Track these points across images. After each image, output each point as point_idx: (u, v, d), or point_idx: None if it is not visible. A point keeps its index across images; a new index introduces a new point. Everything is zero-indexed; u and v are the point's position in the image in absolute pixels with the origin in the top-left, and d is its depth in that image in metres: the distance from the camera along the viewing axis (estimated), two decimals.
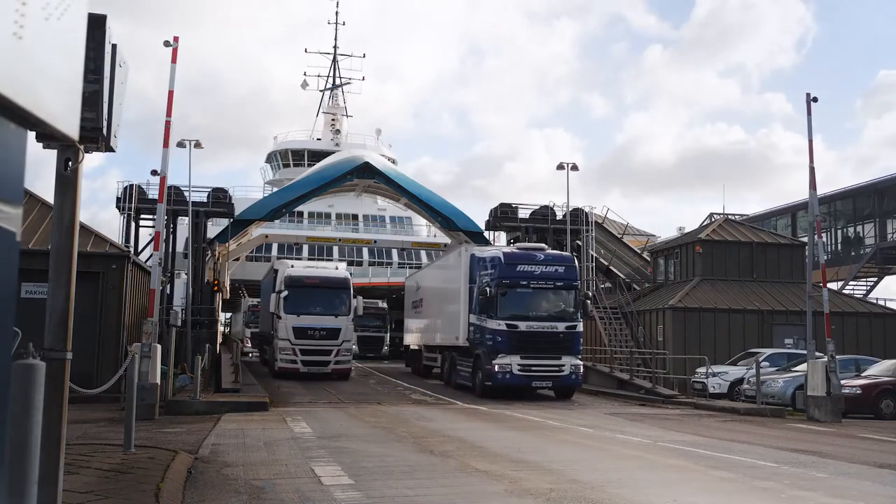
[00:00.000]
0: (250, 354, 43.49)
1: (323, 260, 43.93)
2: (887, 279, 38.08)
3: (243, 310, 48.87)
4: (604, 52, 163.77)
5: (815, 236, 18.58)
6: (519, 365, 20.05)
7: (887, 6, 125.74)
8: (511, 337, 20.14)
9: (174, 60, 16.37)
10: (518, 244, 24.42)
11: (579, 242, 29.30)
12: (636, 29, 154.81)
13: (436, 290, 27.03)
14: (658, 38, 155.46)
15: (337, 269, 29.69)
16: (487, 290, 20.46)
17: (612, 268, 32.58)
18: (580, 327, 21.48)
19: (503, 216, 30.06)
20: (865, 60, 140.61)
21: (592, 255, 29.99)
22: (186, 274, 26.86)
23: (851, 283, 36.92)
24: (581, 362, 21.46)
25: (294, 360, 25.27)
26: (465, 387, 22.18)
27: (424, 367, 28.07)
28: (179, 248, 29.58)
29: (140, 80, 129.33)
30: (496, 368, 19.95)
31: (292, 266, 27.97)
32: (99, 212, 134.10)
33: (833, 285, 31.95)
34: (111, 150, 5.62)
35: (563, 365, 20.43)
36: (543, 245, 23.41)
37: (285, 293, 25.79)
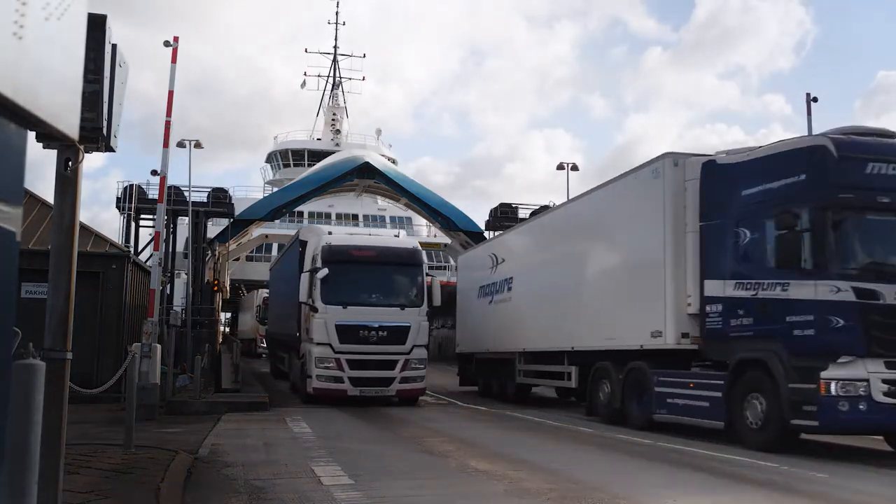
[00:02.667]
0: (263, 355, 39.95)
1: None
2: None
3: (256, 303, 43.73)
4: (603, 54, 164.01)
5: None
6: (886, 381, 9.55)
7: (887, 8, 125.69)
8: (866, 318, 9.64)
9: (174, 60, 16.39)
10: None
11: None
12: (635, 31, 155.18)
13: (572, 255, 15.95)
14: (657, 40, 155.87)
15: (398, 236, 20.87)
16: (789, 216, 10.16)
17: None
18: None
19: (503, 216, 30.08)
20: (865, 62, 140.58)
21: None
22: (186, 274, 26.86)
23: None
24: None
25: (339, 378, 16.83)
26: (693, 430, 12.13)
27: (519, 386, 18.98)
28: (179, 248, 29.61)
29: (141, 81, 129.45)
30: (840, 392, 9.48)
31: (330, 233, 19.03)
32: (100, 212, 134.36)
33: None
34: (111, 150, 5.61)
35: None
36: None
37: (323, 272, 17.02)
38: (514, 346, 18.71)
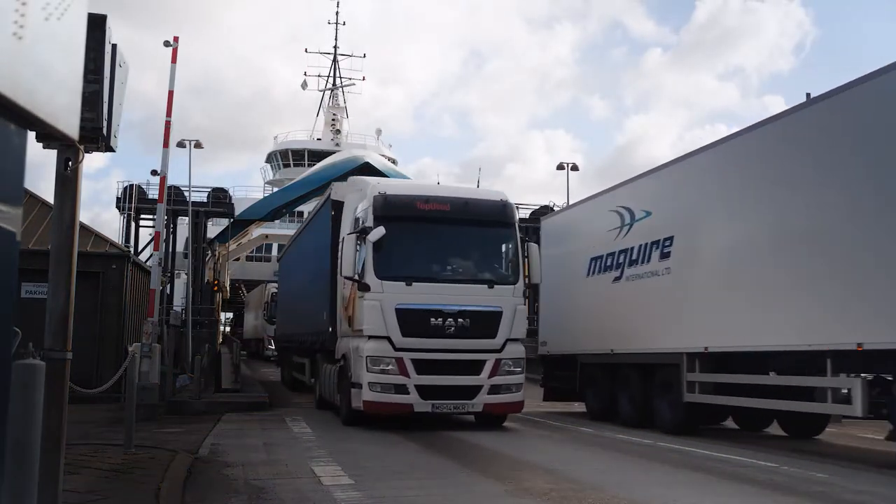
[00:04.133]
0: (272, 358, 34.72)
1: None
2: None
3: (265, 300, 39.06)
4: (604, 55, 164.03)
5: None
6: None
7: (886, 9, 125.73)
8: None
9: (174, 60, 16.40)
10: None
11: None
12: (635, 33, 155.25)
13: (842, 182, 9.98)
14: (657, 41, 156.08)
15: (478, 186, 15.26)
16: None
17: None
18: None
19: None
20: (864, 63, 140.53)
21: None
22: (186, 274, 26.85)
23: None
24: None
25: (401, 386, 12.04)
26: None
27: (689, 408, 12.46)
28: (179, 248, 29.63)
29: (142, 81, 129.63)
30: None
31: (378, 183, 13.70)
32: (101, 212, 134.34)
33: None
34: (111, 149, 5.61)
35: None
36: None
37: (377, 233, 12.15)
38: (680, 343, 12.50)
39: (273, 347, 34.33)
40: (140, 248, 28.62)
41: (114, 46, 5.34)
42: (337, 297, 13.87)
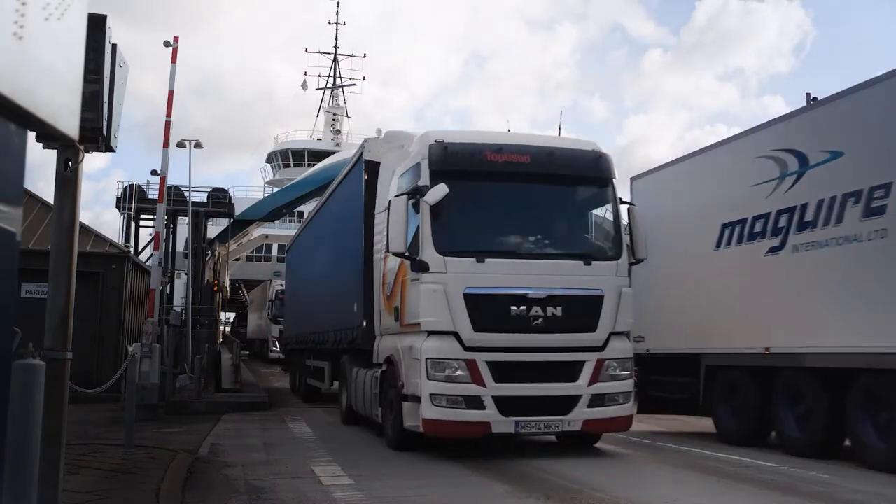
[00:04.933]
0: (279, 358, 31.07)
1: None
2: None
3: (269, 297, 36.94)
4: (604, 56, 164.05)
5: None
6: None
7: (886, 10, 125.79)
8: None
9: (174, 60, 16.42)
10: None
11: None
12: (635, 34, 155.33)
13: None
14: (657, 42, 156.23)
15: (559, 135, 11.68)
16: None
17: None
18: None
19: None
20: (864, 63, 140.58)
21: None
22: (186, 274, 26.84)
23: None
24: None
25: (475, 399, 9.12)
26: None
27: None
28: (179, 248, 29.60)
29: (144, 82, 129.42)
30: None
31: (430, 131, 10.42)
32: (102, 212, 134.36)
33: None
34: (111, 149, 5.62)
35: None
36: None
37: (437, 192, 9.30)
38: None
39: (277, 349, 32.72)
40: (140, 248, 28.61)
41: (114, 46, 5.34)
42: (374, 283, 11.08)
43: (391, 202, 9.58)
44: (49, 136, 3.29)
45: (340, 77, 56.55)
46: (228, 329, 60.79)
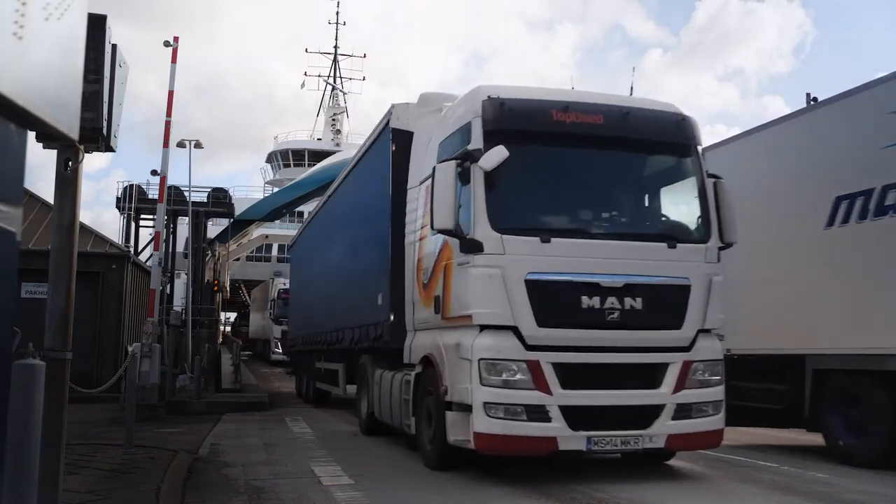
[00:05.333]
0: (284, 360, 30.33)
1: None
2: None
3: (271, 297, 36.14)
4: (603, 56, 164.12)
5: None
6: None
7: (886, 10, 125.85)
8: None
9: (174, 60, 16.43)
10: None
11: None
12: (635, 34, 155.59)
13: None
14: (657, 42, 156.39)
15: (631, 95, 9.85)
16: None
17: None
18: None
19: None
20: (864, 64, 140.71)
21: None
22: (186, 274, 26.84)
23: None
24: None
25: (538, 409, 7.51)
26: None
27: None
28: (179, 248, 29.60)
29: (145, 82, 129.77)
30: None
31: (479, 87, 8.61)
32: (102, 212, 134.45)
33: None
34: (111, 149, 5.62)
35: None
36: None
37: (495, 156, 7.74)
38: None
39: (280, 350, 31.68)
40: (140, 249, 28.61)
41: (114, 46, 5.34)
42: (405, 270, 9.75)
43: (436, 169, 8.10)
44: (49, 136, 3.29)
45: (340, 77, 56.60)
46: (229, 329, 60.84)
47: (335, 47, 57.11)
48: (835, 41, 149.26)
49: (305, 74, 56.87)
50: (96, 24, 4.95)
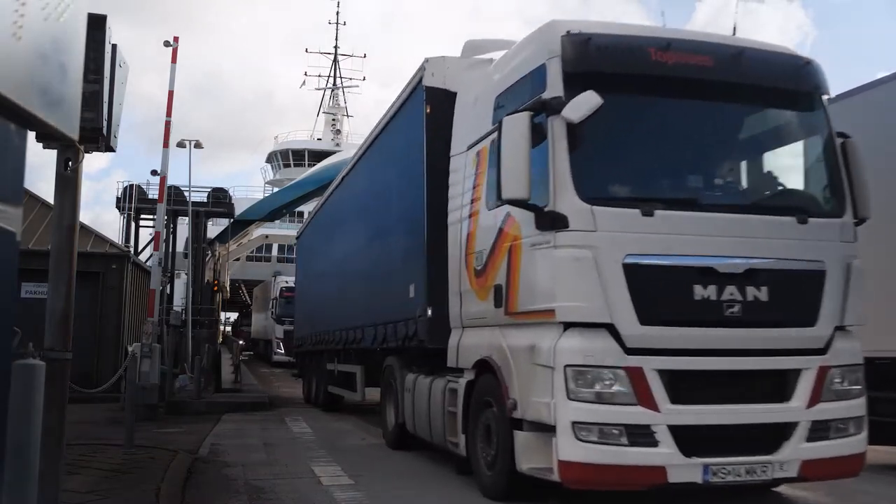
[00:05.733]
0: (289, 361, 27.38)
1: None
2: None
3: (273, 296, 34.63)
4: None
5: None
6: None
7: (886, 10, 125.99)
8: None
9: (174, 60, 16.43)
10: None
11: None
12: None
13: None
14: None
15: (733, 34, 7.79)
16: None
17: None
18: None
19: None
20: (864, 64, 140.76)
21: None
22: (186, 274, 26.84)
23: None
24: None
25: (641, 430, 5.79)
26: None
27: None
28: (179, 248, 29.59)
29: (145, 83, 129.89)
30: None
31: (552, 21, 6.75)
32: (102, 213, 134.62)
33: None
34: (111, 149, 5.62)
35: None
36: None
37: (582, 104, 5.98)
38: None
39: (282, 351, 30.60)
40: (140, 249, 28.61)
41: (114, 46, 5.34)
42: (447, 254, 8.20)
43: (503, 123, 6.36)
44: (49, 136, 3.29)
45: (340, 77, 56.64)
46: (229, 329, 60.91)
47: (335, 47, 57.22)
48: (835, 41, 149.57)
49: (305, 74, 57.01)
50: (96, 24, 4.95)
